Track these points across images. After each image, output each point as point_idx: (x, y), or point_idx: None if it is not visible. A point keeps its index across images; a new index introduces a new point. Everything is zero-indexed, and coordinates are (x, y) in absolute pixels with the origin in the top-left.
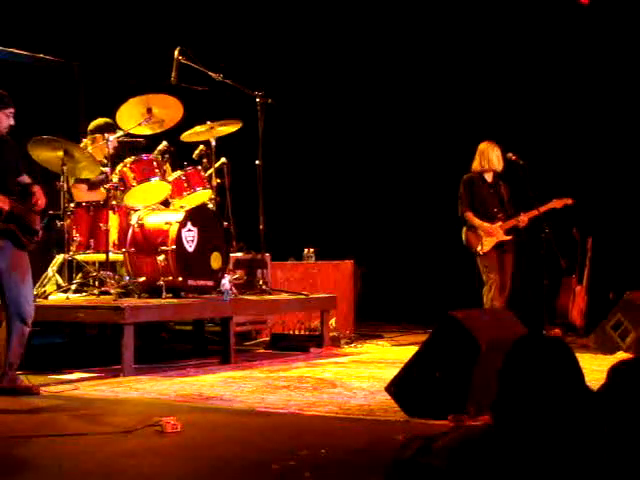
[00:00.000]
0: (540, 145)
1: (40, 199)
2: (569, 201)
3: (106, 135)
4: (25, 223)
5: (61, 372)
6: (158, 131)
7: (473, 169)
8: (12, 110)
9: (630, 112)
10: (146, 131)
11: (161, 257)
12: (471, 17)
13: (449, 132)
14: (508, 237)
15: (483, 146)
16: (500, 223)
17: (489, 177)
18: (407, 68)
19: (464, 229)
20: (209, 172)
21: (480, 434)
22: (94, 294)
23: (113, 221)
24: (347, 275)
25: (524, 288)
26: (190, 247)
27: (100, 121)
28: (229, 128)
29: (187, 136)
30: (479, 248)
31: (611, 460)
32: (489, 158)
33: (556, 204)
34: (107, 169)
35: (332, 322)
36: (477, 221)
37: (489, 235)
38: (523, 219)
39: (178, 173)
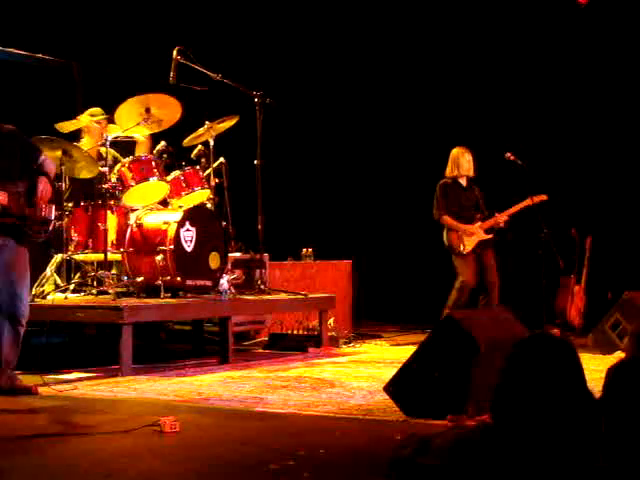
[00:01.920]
0: (539, 145)
1: (42, 192)
2: (544, 197)
3: (104, 135)
4: (30, 215)
5: (60, 372)
6: (156, 131)
7: (447, 175)
8: None
9: (629, 112)
10: (145, 131)
11: (159, 257)
12: (469, 19)
13: (450, 131)
14: (489, 235)
15: (455, 152)
16: (479, 223)
17: (463, 182)
18: (405, 69)
19: (445, 231)
20: (207, 172)
21: (478, 433)
22: (92, 294)
23: (111, 221)
24: (345, 275)
25: (523, 288)
26: (188, 247)
27: (92, 110)
28: (227, 124)
29: (189, 141)
30: (461, 248)
31: (609, 461)
32: (461, 164)
33: (531, 201)
34: (106, 169)
35: (331, 322)
36: (455, 223)
37: (470, 235)
38: (501, 218)
39: (176, 173)
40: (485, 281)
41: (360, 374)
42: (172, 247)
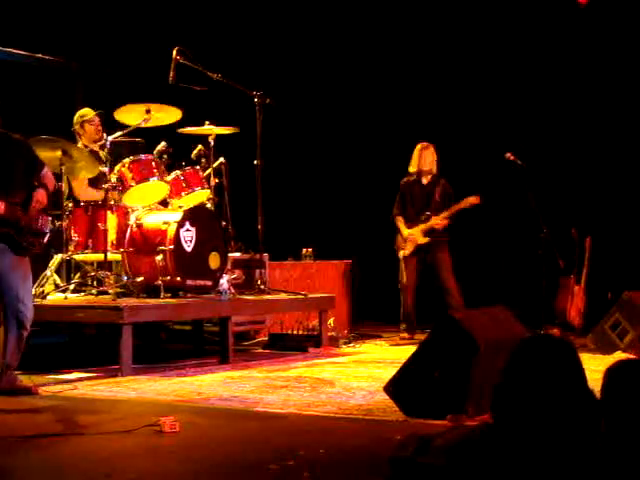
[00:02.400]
0: (539, 145)
1: (37, 202)
2: (476, 200)
3: (105, 136)
4: (25, 226)
5: (60, 372)
6: (152, 125)
7: (409, 171)
8: None
9: (629, 112)
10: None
11: (159, 257)
12: (470, 20)
13: (450, 132)
14: (425, 240)
15: (417, 147)
16: (422, 226)
17: (426, 179)
18: (406, 71)
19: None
20: (207, 172)
21: (479, 433)
22: (92, 294)
23: (111, 221)
24: (345, 275)
25: (523, 288)
26: (188, 247)
27: (81, 112)
28: (225, 130)
29: (186, 131)
30: (401, 253)
31: (609, 461)
32: (421, 157)
33: (464, 204)
34: (106, 169)
35: (330, 322)
36: (401, 227)
37: (410, 239)
38: (437, 222)
39: (176, 173)
40: (439, 281)
41: (360, 374)
42: (172, 247)
